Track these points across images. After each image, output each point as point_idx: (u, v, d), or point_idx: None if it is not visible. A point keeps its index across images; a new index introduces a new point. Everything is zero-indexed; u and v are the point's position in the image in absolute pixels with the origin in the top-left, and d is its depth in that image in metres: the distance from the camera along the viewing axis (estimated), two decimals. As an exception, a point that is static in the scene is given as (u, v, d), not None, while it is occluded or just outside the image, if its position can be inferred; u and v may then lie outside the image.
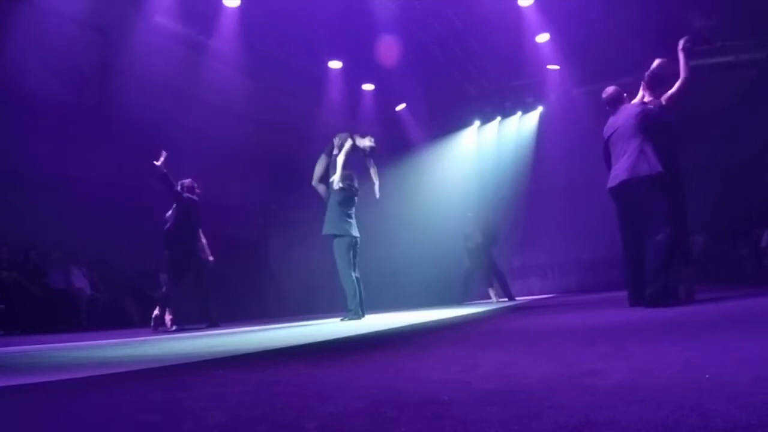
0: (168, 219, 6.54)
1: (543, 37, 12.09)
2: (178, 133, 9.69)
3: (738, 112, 12.62)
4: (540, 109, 14.55)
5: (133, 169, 8.83)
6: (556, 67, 12.78)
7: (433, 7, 11.04)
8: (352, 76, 12.90)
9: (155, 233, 6.76)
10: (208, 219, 7.20)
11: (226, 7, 10.26)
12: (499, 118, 15.12)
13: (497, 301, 9.64)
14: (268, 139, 12.05)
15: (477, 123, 15.29)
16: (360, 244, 6.32)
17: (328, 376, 1.82)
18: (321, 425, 1.09)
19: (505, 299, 9.82)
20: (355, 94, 13.41)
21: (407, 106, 14.42)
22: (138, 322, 8.36)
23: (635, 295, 4.47)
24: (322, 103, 12.65)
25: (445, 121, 14.85)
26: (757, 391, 1.12)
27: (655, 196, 4.10)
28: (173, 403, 1.43)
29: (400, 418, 1.11)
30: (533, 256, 14.54)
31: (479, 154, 15.25)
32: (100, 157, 8.69)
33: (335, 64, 12.58)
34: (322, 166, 6.55)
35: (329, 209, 6.25)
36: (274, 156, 12.19)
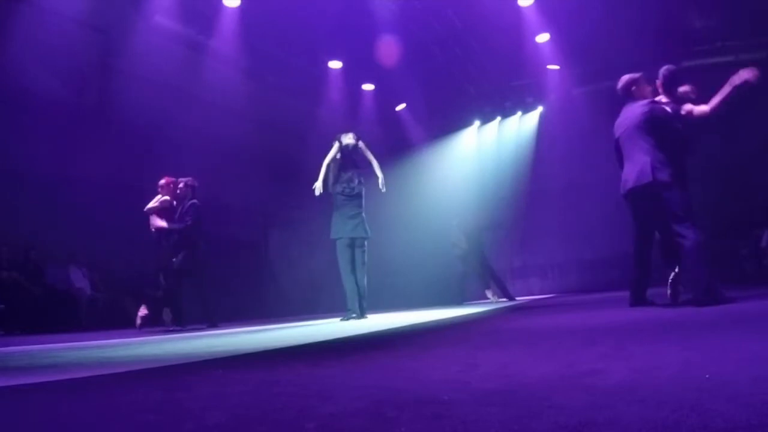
0: (178, 220, 6.65)
1: (543, 37, 12.08)
2: (178, 133, 9.70)
3: (738, 112, 12.60)
4: (540, 109, 14.53)
5: (133, 169, 8.84)
6: (556, 67, 12.78)
7: (433, 7, 11.03)
8: (352, 76, 12.89)
9: (154, 233, 6.77)
10: (208, 219, 7.21)
11: (226, 7, 10.25)
12: (499, 118, 15.10)
13: (496, 302, 9.63)
14: (268, 139, 12.04)
15: (477, 123, 15.27)
16: (368, 245, 6.32)
17: (328, 376, 1.82)
18: (321, 425, 1.09)
19: (505, 299, 9.82)
20: (355, 94, 13.39)
21: (407, 106, 14.41)
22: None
23: (636, 295, 4.57)
24: (322, 103, 12.64)
25: (445, 121, 14.84)
26: (757, 391, 1.12)
27: (668, 198, 4.10)
28: (173, 403, 1.43)
29: (400, 418, 1.11)
30: (533, 256, 14.51)
31: (479, 154, 15.23)
32: (100, 157, 8.68)
33: (335, 64, 12.57)
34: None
35: (333, 213, 6.35)
36: (274, 156, 12.19)
